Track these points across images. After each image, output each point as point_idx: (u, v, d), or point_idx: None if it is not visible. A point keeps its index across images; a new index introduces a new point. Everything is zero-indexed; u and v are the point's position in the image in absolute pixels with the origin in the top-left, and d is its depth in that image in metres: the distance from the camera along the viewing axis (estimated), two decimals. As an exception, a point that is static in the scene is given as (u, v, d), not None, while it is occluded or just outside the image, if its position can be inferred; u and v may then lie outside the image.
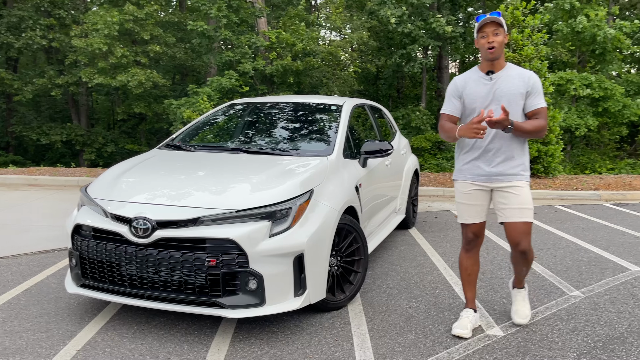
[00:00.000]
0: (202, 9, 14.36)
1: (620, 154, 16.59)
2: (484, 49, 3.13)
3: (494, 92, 3.18)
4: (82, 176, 9.80)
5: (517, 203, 3.19)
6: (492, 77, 3.20)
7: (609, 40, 13.04)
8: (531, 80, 3.19)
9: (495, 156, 3.20)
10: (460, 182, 3.36)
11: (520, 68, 3.26)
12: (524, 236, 3.21)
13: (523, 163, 3.24)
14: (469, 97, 3.24)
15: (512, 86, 3.17)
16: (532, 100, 3.19)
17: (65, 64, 16.62)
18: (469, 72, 3.33)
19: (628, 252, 5.40)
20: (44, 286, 4.25)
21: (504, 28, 3.13)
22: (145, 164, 4.01)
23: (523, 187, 3.21)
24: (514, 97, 3.16)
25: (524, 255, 3.29)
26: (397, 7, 14.83)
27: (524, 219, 3.20)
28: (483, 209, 3.34)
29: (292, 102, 5.15)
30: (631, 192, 8.99)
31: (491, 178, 3.24)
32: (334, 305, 3.74)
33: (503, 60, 3.23)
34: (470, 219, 3.36)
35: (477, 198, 3.31)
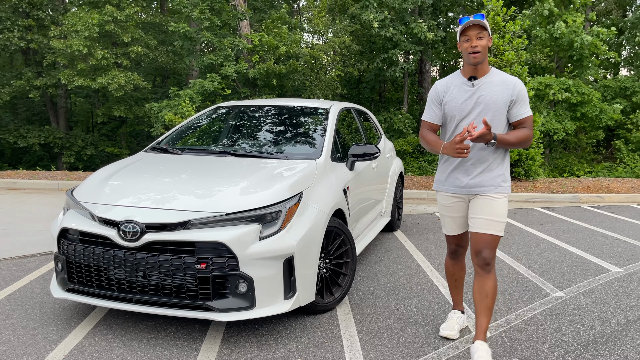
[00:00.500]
0: (183, 12, 14.29)
1: (597, 157, 16.94)
2: (467, 54, 2.94)
3: (476, 100, 2.98)
4: (62, 179, 9.65)
5: (487, 214, 3.00)
6: (475, 83, 3.00)
7: (586, 46, 13.33)
8: (516, 88, 2.98)
9: (475, 167, 3.02)
10: (441, 194, 3.23)
11: (504, 74, 3.05)
12: (488, 247, 3.00)
13: (503, 174, 3.05)
14: (449, 103, 3.05)
15: (495, 93, 2.96)
16: (517, 109, 2.99)
17: (44, 65, 16.38)
18: (451, 77, 3.12)
19: (608, 254, 5.52)
20: (28, 291, 4.18)
21: (487, 31, 2.93)
22: (132, 167, 3.98)
23: (497, 198, 3.01)
24: (498, 106, 2.96)
25: (487, 268, 3.02)
26: (379, 12, 14.95)
27: (491, 232, 2.99)
28: (465, 220, 3.20)
29: (279, 105, 5.16)
30: (609, 194, 9.19)
31: (470, 190, 3.07)
32: (323, 307, 3.75)
33: (487, 65, 3.02)
34: (453, 231, 3.26)
35: (458, 210, 3.17)
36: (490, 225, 2.99)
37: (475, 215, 3.04)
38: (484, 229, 2.99)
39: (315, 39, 20.64)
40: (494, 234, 2.99)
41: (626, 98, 16.11)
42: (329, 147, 4.31)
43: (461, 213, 3.17)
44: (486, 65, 3.01)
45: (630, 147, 15.32)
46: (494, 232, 2.99)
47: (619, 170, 14.49)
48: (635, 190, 9.63)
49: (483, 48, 2.91)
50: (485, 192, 3.02)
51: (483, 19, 2.92)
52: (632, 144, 15.31)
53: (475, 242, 3.04)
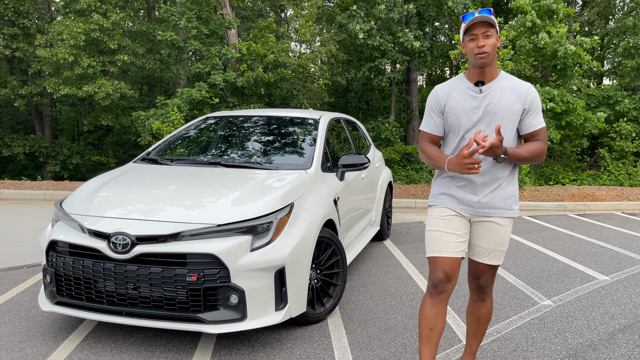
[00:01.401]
0: (171, 20, 14.29)
1: (582, 165, 17.16)
2: (473, 55, 2.51)
3: (484, 108, 2.56)
4: (48, 189, 9.55)
5: (493, 244, 2.67)
6: (483, 89, 2.57)
7: (569, 55, 13.53)
8: (530, 95, 2.58)
9: (484, 185, 2.61)
10: (436, 208, 2.71)
11: (515, 79, 2.64)
12: (487, 274, 2.77)
13: (514, 194, 2.67)
14: (452, 111, 2.62)
15: (506, 101, 2.56)
16: (530, 120, 2.60)
17: (29, 73, 16.24)
18: (454, 81, 2.71)
19: (594, 262, 5.59)
20: (15, 304, 4.12)
21: (496, 28, 2.51)
22: (122, 178, 3.96)
23: (505, 225, 2.66)
24: (509, 115, 2.56)
25: (483, 293, 2.81)
26: (365, 22, 15.06)
27: (493, 262, 2.71)
28: (461, 242, 2.64)
29: (269, 115, 5.18)
30: (594, 202, 9.32)
31: (478, 210, 2.64)
32: (314, 318, 3.75)
33: (495, 68, 2.59)
34: (444, 250, 2.61)
35: (456, 226, 2.64)
36: (495, 256, 2.70)
37: (479, 243, 2.69)
38: (488, 260, 2.71)
39: (302, 48, 20.71)
40: (496, 264, 2.74)
41: (609, 107, 16.39)
42: (319, 157, 4.33)
43: (458, 231, 2.64)
44: (495, 69, 2.59)
45: (614, 155, 15.55)
46: (497, 263, 2.73)
47: (604, 178, 14.69)
48: (620, 198, 9.77)
49: (492, 48, 2.49)
50: (494, 216, 2.64)
51: (490, 14, 2.49)
52: (616, 152, 15.55)
53: (474, 268, 2.78)
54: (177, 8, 14.80)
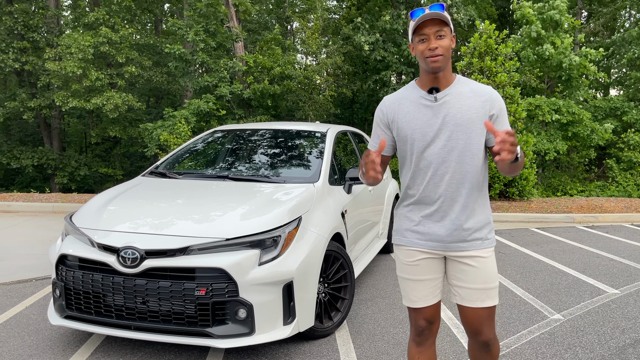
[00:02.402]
0: (178, 33, 14.43)
1: (590, 176, 17.09)
2: (424, 58, 2.14)
3: (442, 118, 2.19)
4: (57, 202, 9.61)
5: (480, 281, 2.23)
6: (438, 97, 2.20)
7: (574, 67, 13.55)
8: (494, 100, 2.21)
9: (450, 210, 2.21)
10: (402, 249, 2.33)
11: (474, 82, 2.27)
12: (486, 323, 2.27)
13: (488, 221, 2.28)
14: (404, 125, 2.25)
15: (468, 108, 2.18)
16: (499, 127, 2.21)
17: (38, 86, 16.41)
18: (404, 90, 2.32)
19: (604, 275, 5.55)
20: (24, 317, 4.14)
21: (450, 27, 2.16)
22: (131, 192, 3.98)
23: (487, 257, 2.24)
24: (473, 124, 2.17)
25: (487, 348, 2.32)
26: (370, 34, 15.15)
27: (487, 304, 2.25)
28: (437, 285, 2.32)
29: (277, 129, 5.20)
30: (602, 214, 9.26)
31: (449, 246, 2.23)
32: (322, 332, 3.74)
33: (450, 72, 2.23)
34: (420, 301, 2.30)
35: (428, 270, 2.29)
36: (487, 295, 2.24)
37: (464, 284, 2.25)
38: (479, 302, 2.24)
39: (308, 60, 20.83)
40: (491, 305, 2.26)
41: (616, 117, 16.35)
42: (326, 170, 4.34)
43: (432, 275, 2.30)
44: (449, 73, 2.23)
45: (622, 165, 15.48)
46: (491, 303, 2.26)
47: (612, 189, 14.62)
48: (629, 210, 9.71)
49: (445, 50, 2.12)
50: (470, 249, 2.23)
51: (443, 9, 2.15)
52: (624, 162, 15.48)
53: (468, 319, 2.28)
54: (184, 21, 14.96)
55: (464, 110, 2.18)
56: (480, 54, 10.34)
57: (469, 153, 2.18)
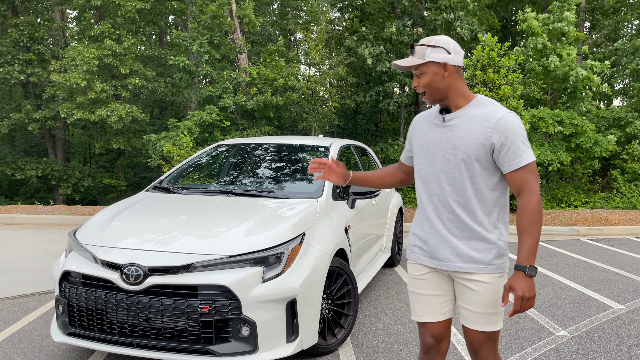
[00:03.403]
0: (182, 45, 14.52)
1: (594, 187, 17.03)
2: None
3: (445, 139, 2.20)
4: (61, 214, 9.62)
5: (480, 305, 2.18)
6: (447, 118, 2.21)
7: (580, 79, 13.56)
8: (500, 127, 2.09)
9: (455, 231, 2.20)
10: (411, 264, 2.37)
11: (493, 105, 2.18)
12: (484, 346, 2.23)
13: (496, 246, 2.18)
14: (417, 142, 2.34)
15: (468, 134, 2.14)
16: (507, 156, 2.10)
17: (43, 98, 16.50)
18: (433, 109, 2.36)
19: (609, 290, 5.51)
20: (27, 333, 4.13)
21: (426, 64, 2.17)
22: (134, 208, 3.98)
23: (490, 282, 2.17)
24: (470, 151, 2.13)
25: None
26: (375, 46, 15.20)
27: (486, 328, 2.20)
28: (444, 302, 2.30)
29: (280, 143, 5.20)
30: (607, 227, 9.22)
31: (450, 265, 2.21)
32: (325, 349, 3.72)
33: (461, 95, 2.20)
34: (426, 315, 2.30)
35: (436, 286, 2.29)
36: (487, 320, 2.20)
37: (466, 305, 2.22)
38: (479, 326, 2.20)
39: (312, 71, 20.92)
40: (489, 330, 2.21)
41: (620, 128, 16.31)
42: (329, 185, 4.34)
43: (440, 291, 2.29)
44: (460, 96, 2.20)
45: (626, 177, 15.42)
46: (489, 329, 2.21)
47: (616, 200, 14.55)
48: (634, 223, 9.66)
49: (425, 87, 2.18)
50: (472, 272, 2.18)
51: (413, 54, 2.21)
52: (628, 174, 15.42)
53: (470, 339, 2.26)
54: (188, 33, 15.05)
55: (465, 134, 2.15)
56: (483, 67, 10.36)
57: (460, 178, 2.16)
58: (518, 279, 2.05)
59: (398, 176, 2.58)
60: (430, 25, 15.69)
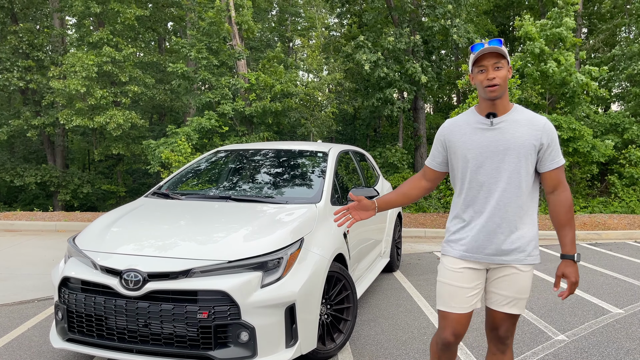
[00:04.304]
0: (181, 51, 14.57)
1: (592, 192, 17.05)
2: (482, 87, 2.38)
3: (497, 142, 2.40)
4: (60, 220, 9.62)
5: (514, 291, 2.44)
6: (495, 122, 2.41)
7: (578, 84, 13.61)
8: (547, 130, 2.39)
9: (501, 228, 2.40)
10: (449, 258, 2.53)
11: (530, 112, 2.46)
12: (505, 324, 2.50)
13: (534, 238, 2.45)
14: (460, 146, 2.48)
15: (521, 135, 2.38)
16: (550, 156, 2.40)
17: (42, 105, 16.53)
18: (465, 115, 2.55)
19: (608, 294, 5.52)
20: (26, 339, 4.13)
21: (507, 60, 2.38)
22: (134, 214, 4.00)
23: (525, 271, 2.43)
24: (525, 150, 2.37)
25: (502, 348, 2.54)
26: (372, 52, 15.25)
27: (514, 311, 2.46)
28: (476, 295, 2.49)
29: (279, 149, 5.22)
30: (606, 231, 9.23)
31: (493, 259, 2.43)
32: (324, 354, 3.72)
33: (507, 100, 2.44)
34: (457, 307, 2.48)
35: (469, 279, 2.47)
36: (514, 304, 2.45)
37: (497, 291, 2.47)
38: (507, 308, 2.46)
39: (310, 77, 20.98)
40: (517, 313, 2.48)
41: (617, 134, 16.36)
42: (328, 191, 4.35)
43: (470, 283, 2.47)
44: (507, 101, 2.44)
45: (624, 181, 15.45)
46: (517, 312, 2.47)
47: (615, 205, 14.57)
48: (632, 227, 9.68)
49: (502, 80, 2.35)
50: (514, 263, 2.42)
51: (501, 44, 2.37)
52: (626, 178, 15.45)
53: (492, 318, 2.51)
54: (187, 40, 15.10)
55: (517, 137, 2.38)
56: (481, 72, 10.39)
57: (517, 176, 2.38)
58: (568, 266, 2.35)
59: (422, 186, 2.69)
60: (427, 31, 15.77)
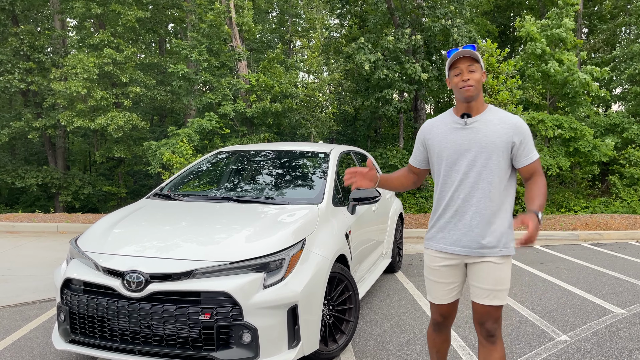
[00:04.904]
0: (182, 53, 14.58)
1: (594, 192, 17.04)
2: (458, 89, 2.56)
3: (469, 140, 2.58)
4: (61, 222, 9.63)
5: (491, 283, 2.58)
6: (468, 122, 2.60)
7: (580, 85, 13.61)
8: (519, 128, 2.57)
9: (475, 221, 2.57)
10: (429, 253, 2.75)
11: (503, 111, 2.65)
12: (490, 318, 2.62)
13: (507, 232, 2.60)
14: (437, 144, 2.68)
15: (493, 133, 2.56)
16: (524, 152, 2.58)
17: (44, 106, 16.54)
18: (442, 115, 2.76)
19: (610, 294, 5.51)
20: (28, 341, 4.13)
21: (480, 64, 2.59)
22: (136, 215, 4.00)
23: (500, 263, 2.58)
24: (496, 147, 2.55)
25: (491, 340, 2.64)
26: (372, 52, 15.25)
27: (495, 302, 2.60)
28: (456, 287, 2.73)
29: (280, 150, 5.22)
30: (607, 231, 9.22)
31: (469, 251, 2.60)
32: (326, 355, 3.72)
33: (482, 102, 2.64)
34: (439, 299, 2.75)
35: (449, 275, 2.70)
36: (495, 296, 2.59)
37: (477, 284, 2.62)
38: (488, 301, 2.60)
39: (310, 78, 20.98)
40: (499, 304, 2.61)
41: (616, 134, 16.33)
42: (330, 191, 4.35)
43: (452, 279, 2.70)
44: (481, 103, 2.64)
45: (625, 182, 15.44)
46: (499, 303, 2.61)
47: (616, 205, 14.55)
48: (634, 227, 9.67)
49: (476, 82, 2.55)
50: (489, 255, 2.58)
51: (474, 49, 2.57)
52: (627, 178, 15.44)
53: (478, 312, 2.66)
54: (188, 41, 15.11)
55: (489, 135, 2.57)
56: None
57: (489, 172, 2.56)
58: (531, 218, 2.35)
59: (411, 177, 2.92)
60: (428, 31, 15.76)
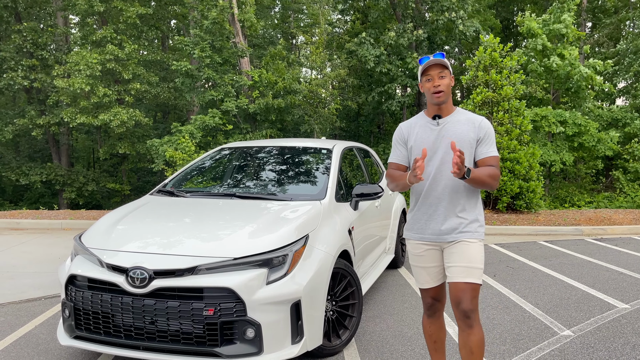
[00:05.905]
0: (185, 50, 14.58)
1: (597, 187, 17.00)
2: (430, 93, 2.86)
3: (441, 138, 2.88)
4: (65, 219, 9.67)
5: (465, 260, 2.81)
6: (439, 122, 2.91)
7: (583, 78, 13.56)
8: (482, 127, 2.90)
9: (448, 211, 2.86)
10: (411, 242, 3.02)
11: (470, 113, 2.98)
12: (465, 297, 2.78)
13: (477, 219, 2.90)
14: (415, 143, 2.95)
15: (461, 132, 2.87)
16: (483, 148, 2.88)
17: (47, 104, 16.58)
18: (415, 118, 3.06)
19: (614, 289, 5.51)
20: (33, 337, 4.16)
21: (449, 70, 2.87)
22: (139, 212, 4.01)
23: (472, 242, 2.84)
24: (464, 143, 2.85)
25: (468, 322, 2.79)
26: (375, 47, 15.23)
27: (468, 279, 2.79)
28: (439, 270, 2.98)
29: (283, 146, 5.23)
30: (611, 226, 9.20)
31: (441, 237, 2.89)
32: (330, 351, 3.73)
33: (451, 104, 2.96)
34: (426, 283, 3.01)
35: (431, 259, 2.96)
36: (468, 273, 2.80)
37: (451, 264, 2.85)
38: (462, 277, 2.80)
39: (313, 74, 20.94)
40: (473, 281, 2.79)
41: (618, 129, 16.27)
42: (333, 187, 4.35)
43: (435, 262, 2.96)
44: (450, 105, 2.95)
45: (629, 176, 15.39)
46: (473, 280, 2.79)
47: (620, 200, 14.52)
48: (638, 222, 9.64)
49: (446, 87, 2.85)
50: (461, 238, 2.85)
51: (444, 57, 2.86)
52: (631, 173, 15.40)
53: (453, 292, 2.83)
54: (190, 38, 15.11)
55: (458, 133, 2.88)
56: (485, 67, 10.37)
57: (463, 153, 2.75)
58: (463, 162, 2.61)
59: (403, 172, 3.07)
60: (431, 25, 15.71)
